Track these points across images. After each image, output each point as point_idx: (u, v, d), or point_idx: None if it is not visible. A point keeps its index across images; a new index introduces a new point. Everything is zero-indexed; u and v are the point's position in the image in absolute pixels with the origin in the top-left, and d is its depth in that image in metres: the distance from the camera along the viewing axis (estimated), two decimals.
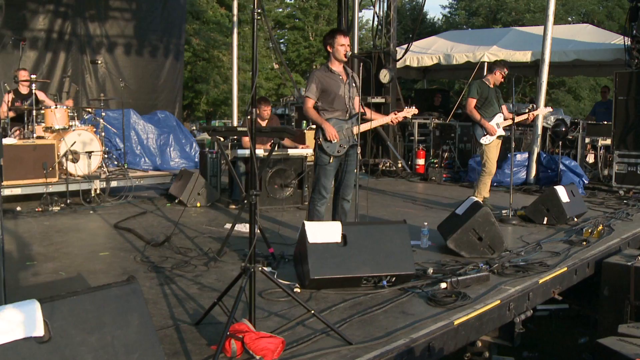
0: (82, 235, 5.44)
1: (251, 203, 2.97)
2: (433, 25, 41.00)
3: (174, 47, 15.29)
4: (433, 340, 3.04)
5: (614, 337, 3.48)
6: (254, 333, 2.69)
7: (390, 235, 3.84)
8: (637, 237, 6.15)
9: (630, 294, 4.88)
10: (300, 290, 3.71)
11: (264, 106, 7.75)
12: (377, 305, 3.45)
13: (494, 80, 7.11)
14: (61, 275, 4.05)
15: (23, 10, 12.07)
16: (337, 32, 4.81)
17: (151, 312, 3.27)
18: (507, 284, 3.96)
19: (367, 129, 5.05)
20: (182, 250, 4.77)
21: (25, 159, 6.52)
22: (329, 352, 2.76)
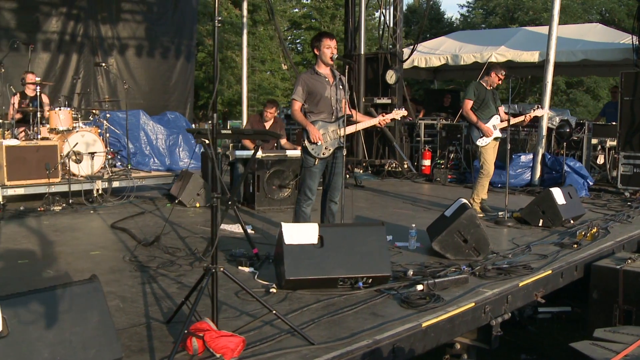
0: (78, 234, 5.56)
1: (212, 206, 3.02)
2: (451, 24, 40.79)
3: (185, 48, 15.47)
4: (399, 342, 3.07)
5: (588, 342, 3.47)
6: (215, 332, 2.75)
7: (367, 237, 3.88)
8: (634, 240, 6.10)
9: (619, 297, 4.85)
10: (277, 291, 3.77)
11: (269, 108, 7.84)
12: (349, 306, 3.49)
13: (491, 82, 7.09)
14: (48, 274, 4.16)
15: (36, 13, 12.32)
16: (323, 35, 4.87)
17: (127, 309, 3.38)
18: (485, 287, 3.97)
19: (353, 131, 5.08)
20: (170, 250, 4.86)
21: (28, 160, 6.67)
22: (289, 352, 2.81)
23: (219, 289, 3.33)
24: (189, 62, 15.67)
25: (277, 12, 33.28)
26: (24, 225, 5.94)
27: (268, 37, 32.41)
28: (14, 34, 11.93)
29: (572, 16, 29.75)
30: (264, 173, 7.16)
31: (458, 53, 12.86)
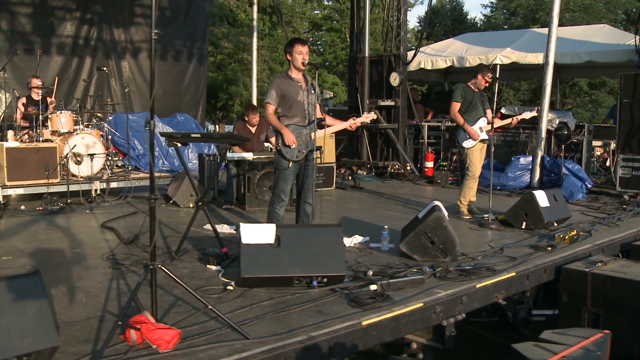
0: (67, 233, 5.81)
1: (150, 206, 3.19)
2: (474, 25, 40.52)
3: (198, 51, 15.76)
4: (336, 339, 3.20)
5: (530, 343, 3.53)
6: (152, 324, 2.92)
7: (323, 237, 4.01)
8: (615, 243, 6.10)
9: (588, 300, 4.89)
10: (234, 288, 3.92)
11: (252, 114, 8.06)
12: (298, 304, 3.63)
13: (478, 85, 7.14)
14: (26, 269, 4.38)
15: (51, 17, 12.71)
16: (295, 42, 5.01)
17: (88, 303, 3.57)
18: (441, 288, 4.07)
19: (325, 134, 5.20)
20: (147, 248, 5.05)
21: (28, 161, 6.96)
22: (223, 345, 2.96)
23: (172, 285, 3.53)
24: (201, 65, 15.96)
25: (296, 14, 33.58)
26: (19, 224, 6.21)
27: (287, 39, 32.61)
28: (30, 37, 12.36)
29: (596, 16, 29.34)
30: (254, 175, 7.33)
31: (464, 55, 12.87)
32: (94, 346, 2.93)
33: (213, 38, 22.96)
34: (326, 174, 9.77)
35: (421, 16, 47.32)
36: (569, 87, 30.60)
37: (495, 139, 10.69)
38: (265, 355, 2.92)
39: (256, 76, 15.35)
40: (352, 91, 12.83)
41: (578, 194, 8.73)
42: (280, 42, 30.97)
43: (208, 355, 2.84)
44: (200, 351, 2.89)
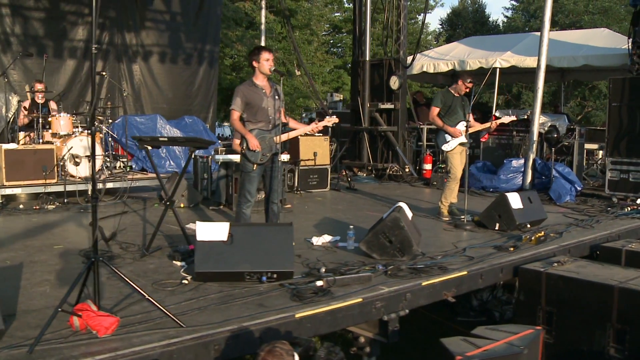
0: (56, 230, 6.16)
1: (93, 205, 3.47)
2: (496, 27, 40.32)
3: (208, 54, 16.09)
4: (268, 330, 3.44)
5: (459, 337, 3.71)
6: (93, 312, 3.20)
7: (273, 235, 4.26)
8: (585, 244, 6.23)
9: (542, 299, 5.03)
10: (189, 282, 4.20)
11: None
12: (242, 297, 3.89)
13: (458, 90, 7.30)
14: (5, 263, 4.72)
15: (63, 22, 13.16)
16: (262, 49, 5.28)
17: (51, 294, 3.88)
18: (386, 285, 4.28)
19: (287, 138, 5.45)
20: (124, 245, 5.37)
21: (26, 162, 7.35)
22: (158, 332, 3.23)
23: (136, 279, 3.81)
24: (212, 68, 16.28)
25: (315, 17, 33.84)
26: (13, 221, 6.59)
27: (306, 42, 32.97)
28: (42, 42, 12.85)
29: (615, 18, 28.99)
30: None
31: (465, 59, 12.97)
32: (42, 331, 3.21)
33: (227, 41, 23.37)
34: (320, 175, 10.01)
35: (443, 18, 47.18)
36: (589, 90, 30.29)
37: (491, 142, 10.86)
38: (194, 342, 3.18)
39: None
40: (354, 94, 13.04)
41: (566, 197, 8.81)
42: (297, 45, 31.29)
43: (141, 341, 3.12)
44: (135, 337, 3.17)
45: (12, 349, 2.97)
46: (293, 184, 9.71)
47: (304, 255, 5.12)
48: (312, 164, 9.91)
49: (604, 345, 4.64)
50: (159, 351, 3.04)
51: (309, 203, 8.71)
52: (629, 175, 8.64)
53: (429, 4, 41.11)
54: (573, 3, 30.04)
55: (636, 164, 8.51)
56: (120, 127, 12.55)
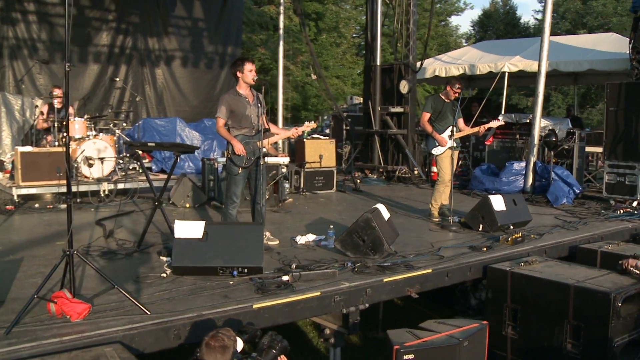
0: (61, 228, 6.63)
1: (68, 204, 3.89)
2: (526, 29, 39.90)
3: (230, 58, 16.57)
4: (224, 318, 3.80)
5: (405, 329, 4.00)
6: (67, 299, 3.62)
7: (245, 234, 4.63)
8: (563, 245, 6.43)
9: (507, 297, 5.27)
10: (167, 275, 4.59)
11: None
12: (210, 289, 4.26)
13: (448, 95, 7.53)
14: (8, 257, 5.21)
15: (88, 28, 13.86)
16: (245, 60, 5.66)
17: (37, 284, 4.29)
18: (349, 280, 4.60)
19: (269, 142, 5.81)
20: (120, 242, 5.82)
21: (41, 164, 7.89)
22: (124, 318, 3.63)
23: (121, 272, 4.23)
24: None
25: (342, 20, 34.14)
26: (26, 219, 7.13)
27: (334, 44, 33.30)
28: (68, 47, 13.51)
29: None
30: None
31: (476, 63, 13.13)
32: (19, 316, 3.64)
33: (251, 44, 23.89)
34: (326, 177, 10.34)
35: (474, 20, 46.81)
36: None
37: (495, 145, 11.03)
38: (155, 327, 3.57)
39: (282, 82, 16.00)
40: (367, 98, 13.33)
41: (563, 199, 8.94)
42: (324, 48, 31.69)
43: (107, 325, 3.52)
44: (103, 321, 3.57)
45: None
46: (299, 185, 10.07)
47: (284, 253, 5.47)
48: (317, 166, 10.26)
49: (561, 341, 4.86)
50: (121, 334, 3.44)
51: (310, 204, 9.05)
52: (625, 179, 8.74)
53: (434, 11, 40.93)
54: (602, 5, 29.63)
55: (632, 167, 8.59)
56: (140, 129, 13.15)
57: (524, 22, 42.44)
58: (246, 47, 24.00)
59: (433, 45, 37.37)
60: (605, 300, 4.59)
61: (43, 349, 3.19)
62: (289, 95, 27.55)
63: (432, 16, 18.79)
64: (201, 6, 15.80)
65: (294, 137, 6.05)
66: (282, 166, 8.71)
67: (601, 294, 4.63)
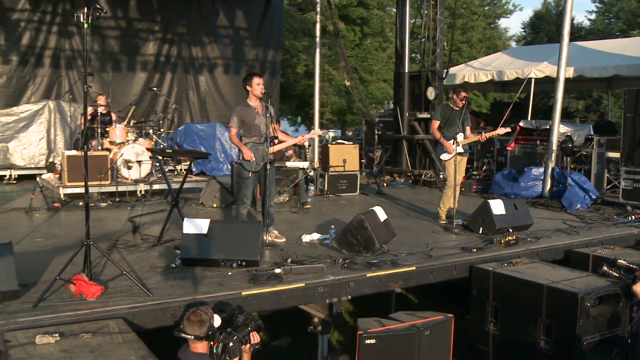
0: (101, 224, 7.41)
1: (85, 203, 4.58)
2: (579, 30, 39.11)
3: (270, 65, 17.36)
4: (215, 302, 4.40)
5: (374, 318, 4.49)
6: (84, 281, 4.31)
7: (245, 231, 5.23)
8: (557, 249, 6.73)
9: (490, 295, 5.67)
10: (176, 266, 5.24)
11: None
12: (209, 278, 4.88)
13: (456, 104, 7.92)
14: (47, 247, 6.00)
15: (136, 39, 14.88)
16: (253, 75, 6.29)
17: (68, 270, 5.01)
18: (334, 274, 5.13)
19: (278, 149, 6.39)
20: (144, 237, 6.53)
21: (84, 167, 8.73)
22: (130, 299, 4.28)
23: (139, 262, 4.91)
24: (274, 78, 17.52)
25: (387, 24, 34.45)
26: (69, 215, 7.98)
27: (379, 49, 33.67)
28: (117, 57, 14.59)
29: None
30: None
31: (504, 69, 13.35)
32: (49, 294, 4.35)
33: (294, 51, 24.60)
34: (350, 180, 10.86)
35: (525, 22, 46.10)
36: None
37: (517, 150, 11.29)
38: (155, 307, 4.21)
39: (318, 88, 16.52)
40: (396, 104, 13.76)
41: (577, 204, 9.13)
42: (369, 52, 32.10)
43: (115, 303, 4.19)
44: (111, 301, 4.25)
45: (23, 304, 4.12)
46: (323, 188, 10.63)
47: (287, 250, 6.04)
48: (341, 170, 10.79)
49: (536, 338, 5.23)
50: (125, 311, 4.09)
51: (330, 205, 9.59)
52: None
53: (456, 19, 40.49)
54: None
55: None
56: (182, 133, 14.04)
57: (577, 22, 41.44)
58: (289, 54, 24.71)
59: (481, 49, 37.17)
60: (573, 300, 4.93)
61: (60, 319, 3.88)
62: (331, 100, 28.22)
63: (454, 28, 18.95)
64: (243, 15, 16.60)
65: (301, 143, 6.61)
66: (304, 170, 9.26)
67: (570, 294, 4.97)
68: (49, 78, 13.55)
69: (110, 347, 3.49)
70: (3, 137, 11.47)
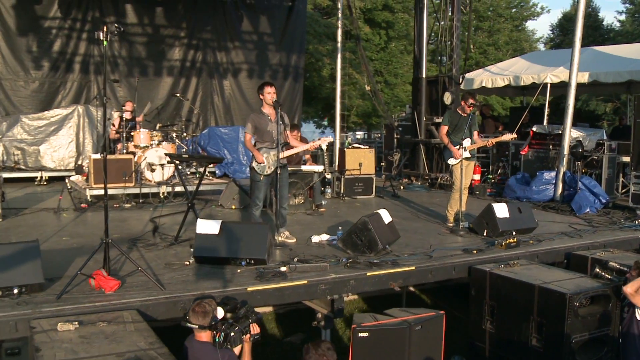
0: (123, 223, 7.89)
1: (105, 204, 5.00)
2: (609, 32, 38.65)
3: (293, 70, 17.73)
4: (221, 296, 4.77)
5: (370, 314, 4.80)
6: (103, 277, 4.73)
7: (253, 232, 5.62)
8: (558, 251, 6.95)
9: (487, 294, 5.93)
10: (189, 264, 5.64)
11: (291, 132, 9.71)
12: (218, 274, 5.26)
13: (464, 110, 8.16)
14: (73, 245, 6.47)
15: (162, 44, 15.43)
16: (265, 84, 6.66)
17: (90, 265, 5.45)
18: (336, 273, 5.46)
19: (289, 154, 6.74)
20: (163, 236, 6.96)
21: (110, 169, 9.17)
22: (145, 292, 4.69)
23: (156, 260, 5.32)
24: (297, 82, 17.88)
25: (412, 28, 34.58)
26: (95, 216, 8.46)
27: (405, 52, 33.83)
28: (144, 62, 15.15)
29: None
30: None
31: (521, 74, 13.50)
32: (71, 287, 4.78)
33: (318, 55, 24.97)
34: (365, 183, 11.17)
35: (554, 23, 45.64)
36: None
37: (530, 154, 11.46)
38: (166, 300, 4.62)
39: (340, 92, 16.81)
40: (414, 109, 14.03)
41: (586, 208, 9.28)
42: (394, 56, 32.28)
43: (130, 296, 4.61)
44: (127, 294, 4.66)
45: (48, 295, 4.57)
46: (339, 191, 10.97)
47: (296, 250, 6.40)
48: (357, 173, 11.10)
49: (528, 336, 5.48)
50: (139, 303, 4.50)
51: (344, 208, 9.92)
52: None
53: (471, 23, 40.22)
54: None
55: None
56: (206, 137, 14.49)
57: (606, 24, 40.92)
58: (314, 58, 25.07)
59: (507, 51, 37.03)
60: (561, 300, 5.18)
61: (80, 310, 4.32)
62: (355, 103, 28.52)
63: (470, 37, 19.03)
64: (267, 20, 17.01)
65: (312, 149, 6.96)
66: (318, 174, 9.58)
67: (559, 294, 5.22)
68: (78, 83, 14.18)
69: (123, 334, 3.90)
70: (35, 140, 12.10)
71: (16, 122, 12.20)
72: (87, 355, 3.60)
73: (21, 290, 4.50)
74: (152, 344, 3.75)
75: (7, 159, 11.99)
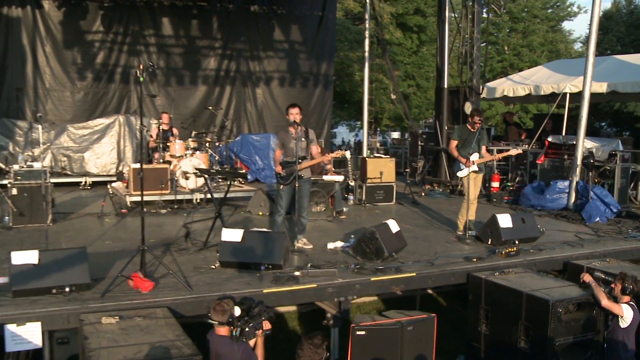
0: (154, 228, 8.67)
1: (141, 215, 5.78)
2: None
3: (323, 78, 18.40)
4: (241, 296, 5.49)
5: (369, 314, 5.46)
6: (139, 278, 5.51)
7: (271, 239, 6.33)
8: (553, 260, 7.43)
9: (482, 299, 6.50)
10: (215, 267, 6.39)
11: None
12: (239, 277, 5.99)
13: (472, 125, 8.70)
14: (114, 248, 7.30)
15: (197, 55, 16.33)
16: (290, 106, 7.45)
17: (128, 267, 6.25)
18: (345, 278, 6.13)
19: (305, 166, 7.42)
20: (194, 241, 7.74)
21: (147, 177, 10.05)
22: (175, 292, 5.45)
23: (186, 263, 6.09)
24: (327, 90, 18.53)
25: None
26: (135, 220, 9.31)
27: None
28: (180, 72, 16.07)
29: None
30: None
31: (541, 83, 13.86)
32: (113, 287, 5.58)
33: (349, 62, 25.58)
34: (386, 191, 11.78)
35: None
36: None
37: (546, 164, 11.89)
38: (193, 299, 5.37)
39: (367, 100, 17.38)
40: (436, 117, 14.56)
41: (596, 217, 9.70)
42: (425, 59, 32.63)
43: (162, 294, 5.38)
44: (160, 293, 5.43)
45: (94, 294, 5.37)
46: (361, 198, 11.61)
47: (312, 256, 7.09)
48: (378, 182, 11.72)
49: (517, 338, 6.04)
50: (170, 302, 5.27)
51: (364, 215, 10.54)
52: None
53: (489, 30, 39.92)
54: None
55: None
56: (238, 144, 15.31)
57: None
58: (344, 64, 25.69)
59: (542, 52, 36.90)
60: (545, 306, 5.72)
61: (120, 306, 5.11)
62: (385, 107, 29.04)
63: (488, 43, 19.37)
64: (298, 29, 17.73)
65: (327, 161, 7.66)
66: (339, 183, 10.23)
67: (543, 301, 5.76)
68: (119, 93, 15.20)
69: (155, 328, 4.66)
70: (80, 147, 13.16)
71: (63, 131, 13.27)
72: (126, 343, 4.36)
73: (72, 288, 5.32)
74: (178, 336, 4.49)
75: (55, 165, 13.05)
